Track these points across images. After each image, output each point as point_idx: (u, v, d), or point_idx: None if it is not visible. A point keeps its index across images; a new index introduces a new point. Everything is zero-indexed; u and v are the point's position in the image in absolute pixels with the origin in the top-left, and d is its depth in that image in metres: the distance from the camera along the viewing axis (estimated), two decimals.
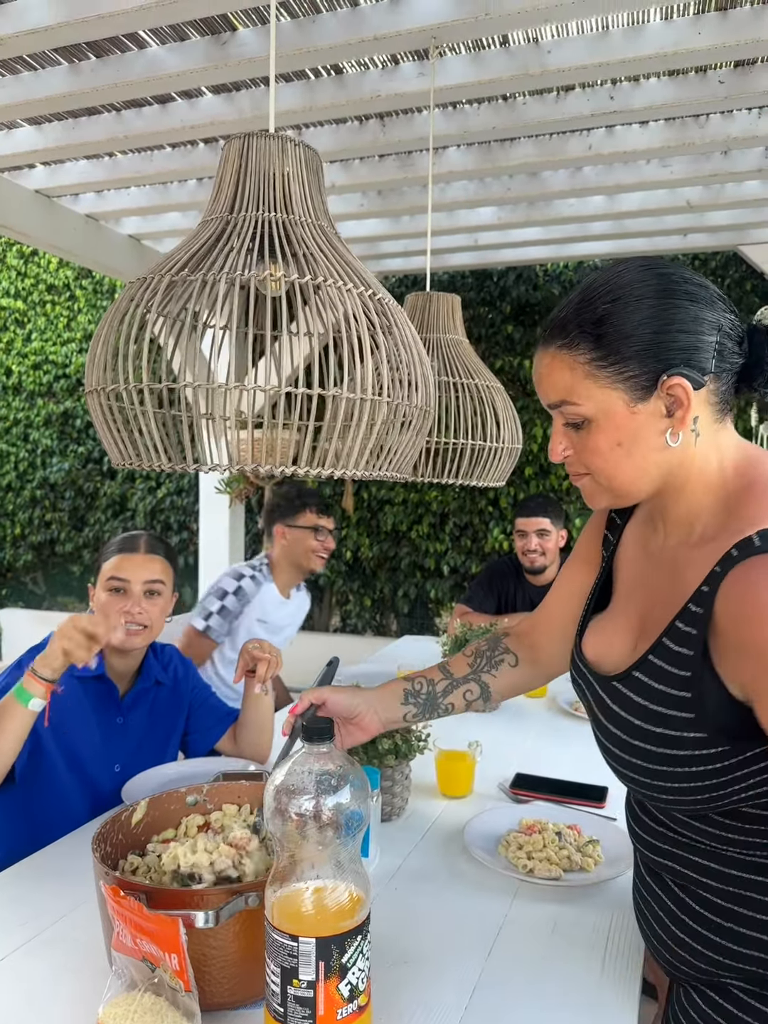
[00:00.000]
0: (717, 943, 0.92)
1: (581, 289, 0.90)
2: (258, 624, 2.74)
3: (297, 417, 1.02)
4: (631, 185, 3.21)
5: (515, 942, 1.17)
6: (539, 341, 0.94)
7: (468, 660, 1.27)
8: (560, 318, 0.90)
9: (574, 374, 0.88)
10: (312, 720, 0.88)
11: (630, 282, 0.87)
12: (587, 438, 0.90)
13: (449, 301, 1.98)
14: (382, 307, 1.09)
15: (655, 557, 0.99)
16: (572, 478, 0.96)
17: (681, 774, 0.87)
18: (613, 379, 0.86)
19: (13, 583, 6.41)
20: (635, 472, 0.90)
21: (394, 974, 1.08)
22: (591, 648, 1.04)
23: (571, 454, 0.93)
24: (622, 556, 1.06)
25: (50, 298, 6.07)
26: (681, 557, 0.93)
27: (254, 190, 1.09)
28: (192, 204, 3.55)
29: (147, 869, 1.13)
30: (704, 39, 2.16)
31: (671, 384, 0.85)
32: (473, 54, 2.37)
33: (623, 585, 1.05)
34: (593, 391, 0.87)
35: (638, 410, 0.87)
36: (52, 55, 2.42)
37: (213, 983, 0.97)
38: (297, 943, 0.82)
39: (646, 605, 0.98)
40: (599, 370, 0.87)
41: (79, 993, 1.03)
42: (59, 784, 1.58)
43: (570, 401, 0.89)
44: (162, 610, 1.69)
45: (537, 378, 0.94)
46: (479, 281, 4.92)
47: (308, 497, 2.81)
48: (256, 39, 2.24)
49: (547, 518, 2.97)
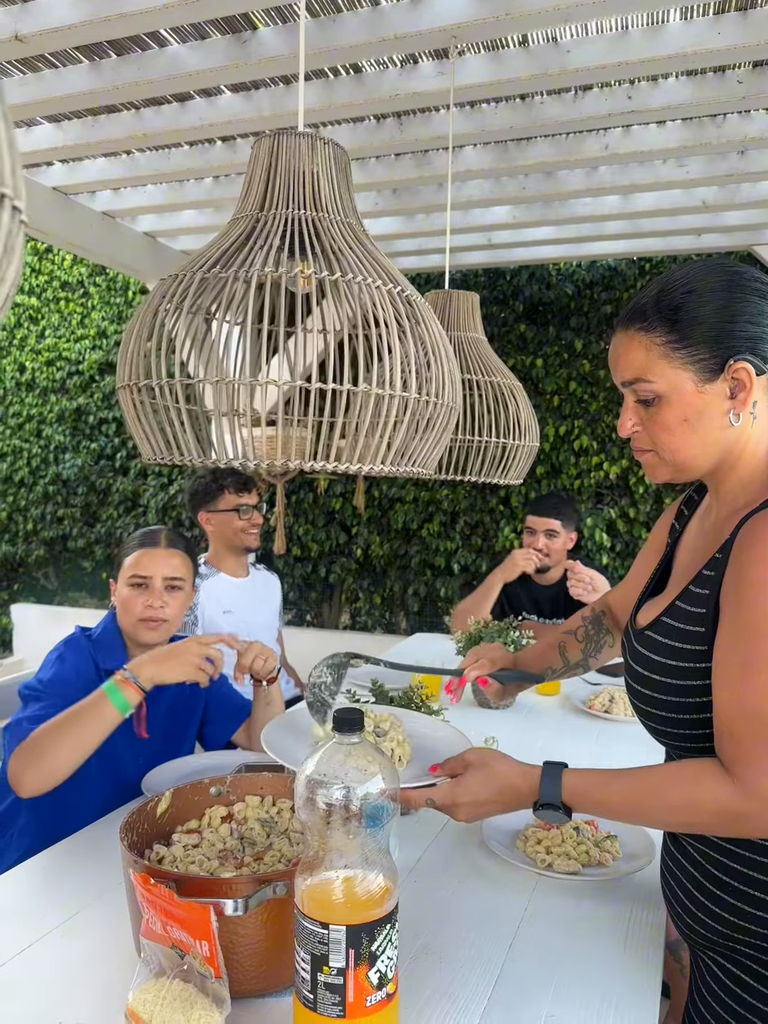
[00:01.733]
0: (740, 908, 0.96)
1: (660, 281, 1.00)
2: (224, 616, 2.69)
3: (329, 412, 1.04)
4: (646, 185, 3.21)
5: (536, 935, 1.18)
6: (617, 325, 1.03)
7: (580, 647, 1.41)
8: (640, 304, 0.99)
9: (649, 354, 0.97)
10: (343, 711, 0.89)
11: (705, 276, 0.97)
12: (656, 414, 0.99)
13: (469, 299, 1.98)
14: (410, 304, 1.10)
15: (708, 532, 1.08)
16: (636, 453, 1.05)
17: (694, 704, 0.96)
18: (684, 360, 0.96)
19: (25, 578, 6.45)
20: (698, 447, 0.99)
21: (418, 965, 1.09)
22: (640, 616, 1.14)
23: (639, 430, 1.02)
24: (683, 543, 1.16)
25: (64, 295, 6.09)
26: (726, 524, 1.02)
27: (284, 188, 1.10)
28: (208, 202, 3.56)
29: (173, 859, 1.14)
30: (724, 39, 2.16)
31: (737, 368, 0.95)
32: (492, 54, 2.37)
33: (678, 566, 1.14)
34: (666, 370, 0.97)
35: (705, 390, 0.96)
36: (74, 53, 2.44)
37: (240, 970, 0.99)
38: (328, 931, 0.83)
39: (687, 573, 1.06)
40: (673, 351, 0.96)
41: (108, 978, 1.05)
42: (80, 776, 1.58)
43: (644, 379, 0.98)
44: (182, 604, 1.71)
45: (614, 357, 1.03)
46: (492, 280, 4.92)
47: (224, 478, 2.75)
48: (277, 38, 2.25)
49: (559, 520, 2.96)
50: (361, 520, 5.23)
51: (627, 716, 2.21)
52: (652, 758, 1.40)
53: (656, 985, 1.08)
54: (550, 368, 4.77)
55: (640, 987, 1.07)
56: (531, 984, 1.06)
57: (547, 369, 4.77)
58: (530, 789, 1.01)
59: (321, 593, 5.45)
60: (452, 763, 1.12)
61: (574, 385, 4.70)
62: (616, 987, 1.06)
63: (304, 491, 5.36)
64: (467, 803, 1.06)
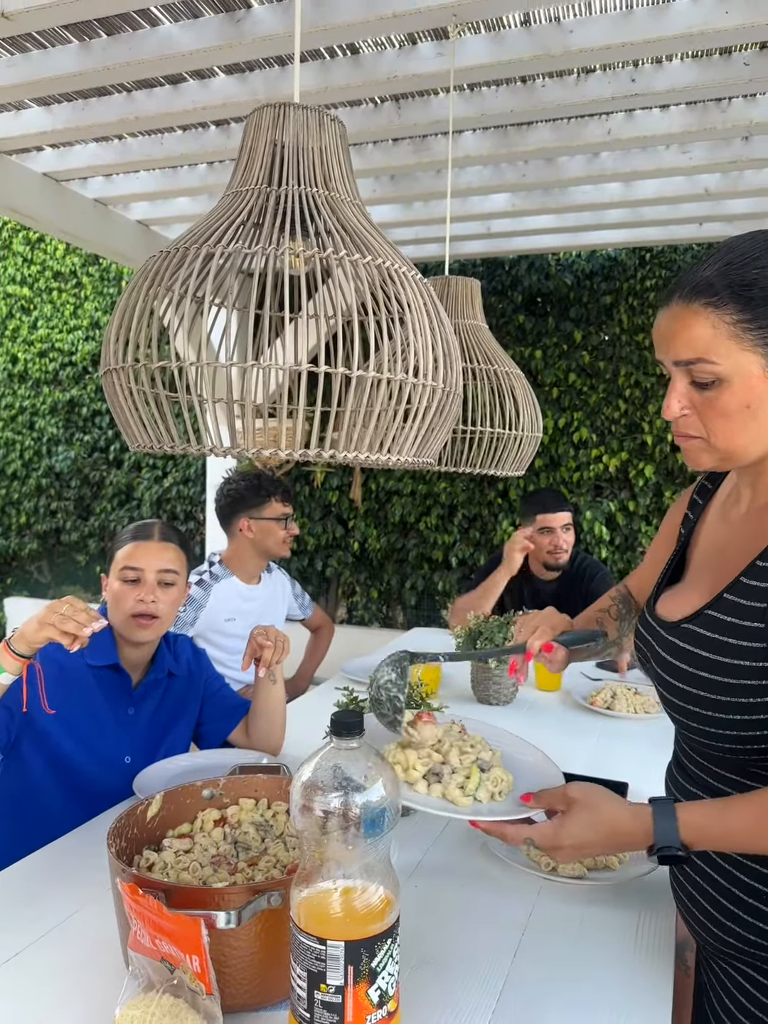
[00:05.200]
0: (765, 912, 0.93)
1: (724, 251, 0.91)
2: (228, 624, 2.62)
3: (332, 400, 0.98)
4: (649, 172, 3.16)
5: (541, 941, 1.14)
6: (670, 297, 0.93)
7: (615, 624, 1.34)
8: (704, 277, 0.90)
9: (716, 332, 0.88)
10: (341, 714, 0.84)
11: None
12: (716, 399, 0.90)
13: (468, 286, 1.93)
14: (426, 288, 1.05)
15: (737, 524, 1.02)
16: (679, 438, 0.97)
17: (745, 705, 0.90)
18: (756, 342, 0.88)
19: (18, 572, 6.39)
20: (755, 435, 0.92)
21: (419, 975, 1.05)
22: (663, 606, 1.08)
23: (689, 413, 0.94)
24: (700, 531, 1.11)
25: (56, 285, 6.02)
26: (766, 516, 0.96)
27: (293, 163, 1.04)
28: (202, 188, 3.50)
29: (163, 865, 1.10)
30: (731, 18, 2.10)
31: None
32: (493, 34, 2.31)
33: (699, 556, 1.09)
34: (734, 351, 0.88)
35: None
36: (62, 32, 2.37)
37: (233, 984, 0.94)
38: (325, 947, 0.79)
39: (721, 565, 1.01)
40: (745, 332, 0.88)
41: (93, 993, 1.00)
42: (69, 775, 1.54)
43: (708, 359, 0.89)
44: (175, 600, 1.66)
45: (668, 334, 0.93)
46: (491, 270, 4.86)
47: (272, 486, 2.70)
48: (272, 16, 2.19)
49: (569, 511, 2.92)
50: (358, 513, 5.18)
51: (629, 713, 2.16)
52: (655, 755, 1.36)
53: (667, 994, 1.04)
54: (549, 359, 4.72)
55: (650, 997, 1.02)
56: (537, 994, 1.02)
57: (546, 360, 4.71)
58: (644, 832, 0.91)
59: (318, 587, 5.40)
60: (550, 797, 1.03)
61: (573, 377, 4.65)
62: (625, 997, 1.02)
63: (300, 484, 5.30)
64: (571, 846, 0.96)
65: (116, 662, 1.61)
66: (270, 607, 2.83)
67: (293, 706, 2.06)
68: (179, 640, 1.80)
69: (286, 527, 2.70)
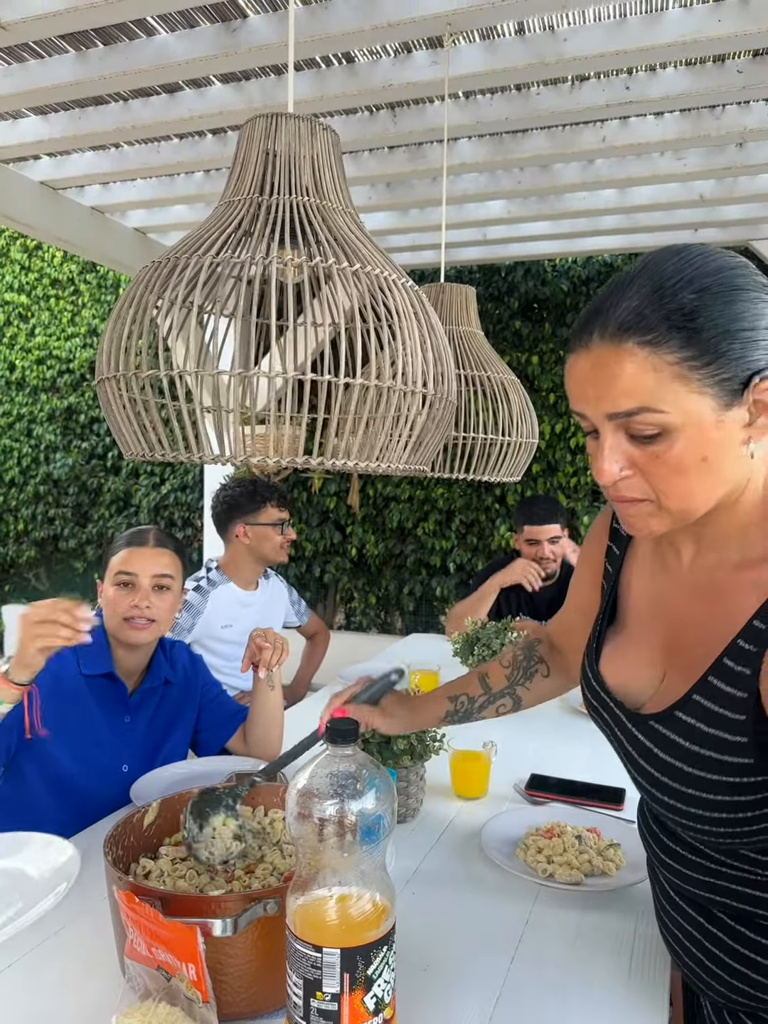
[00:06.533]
0: None
1: (647, 274, 0.75)
2: (225, 631, 2.62)
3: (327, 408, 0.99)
4: (643, 178, 3.17)
5: (538, 948, 1.14)
6: (586, 337, 0.77)
7: (505, 672, 1.25)
8: (632, 308, 0.74)
9: (659, 376, 0.73)
10: (336, 721, 0.84)
11: (716, 270, 0.74)
12: (664, 453, 0.75)
13: (463, 292, 1.94)
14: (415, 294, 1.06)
15: (680, 576, 0.90)
16: (619, 504, 0.81)
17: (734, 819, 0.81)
18: (704, 383, 0.73)
19: (16, 579, 6.38)
20: (712, 490, 0.78)
21: (415, 981, 1.04)
22: (612, 676, 0.97)
23: (631, 474, 0.78)
24: (634, 571, 0.99)
25: (54, 293, 6.03)
26: (721, 580, 0.84)
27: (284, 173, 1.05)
28: (199, 196, 3.51)
29: (160, 873, 1.10)
30: (724, 26, 2.12)
31: (763, 389, 0.74)
32: (488, 42, 2.33)
33: (639, 606, 0.97)
34: (681, 396, 0.73)
35: (724, 419, 0.74)
36: (59, 42, 2.38)
37: (229, 992, 0.94)
38: (321, 954, 0.79)
39: (673, 632, 0.90)
40: (691, 371, 0.73)
41: (89, 1001, 1.00)
42: (65, 786, 1.54)
43: (653, 408, 0.74)
44: (171, 605, 1.66)
45: (593, 382, 0.77)
46: (487, 276, 4.88)
47: (267, 491, 2.70)
48: (268, 26, 2.20)
49: (557, 523, 2.91)
50: (356, 519, 5.18)
51: None
52: None
53: (663, 1001, 1.04)
54: (546, 365, 4.73)
55: (647, 1004, 1.02)
56: (533, 1001, 1.02)
57: (543, 366, 4.73)
58: None
59: (315, 593, 5.40)
60: None
61: None
62: (622, 1004, 1.02)
63: (298, 490, 5.30)
64: None
65: (110, 671, 1.60)
66: (267, 613, 2.83)
67: (290, 713, 2.06)
68: (175, 646, 1.80)
69: (282, 532, 2.70)
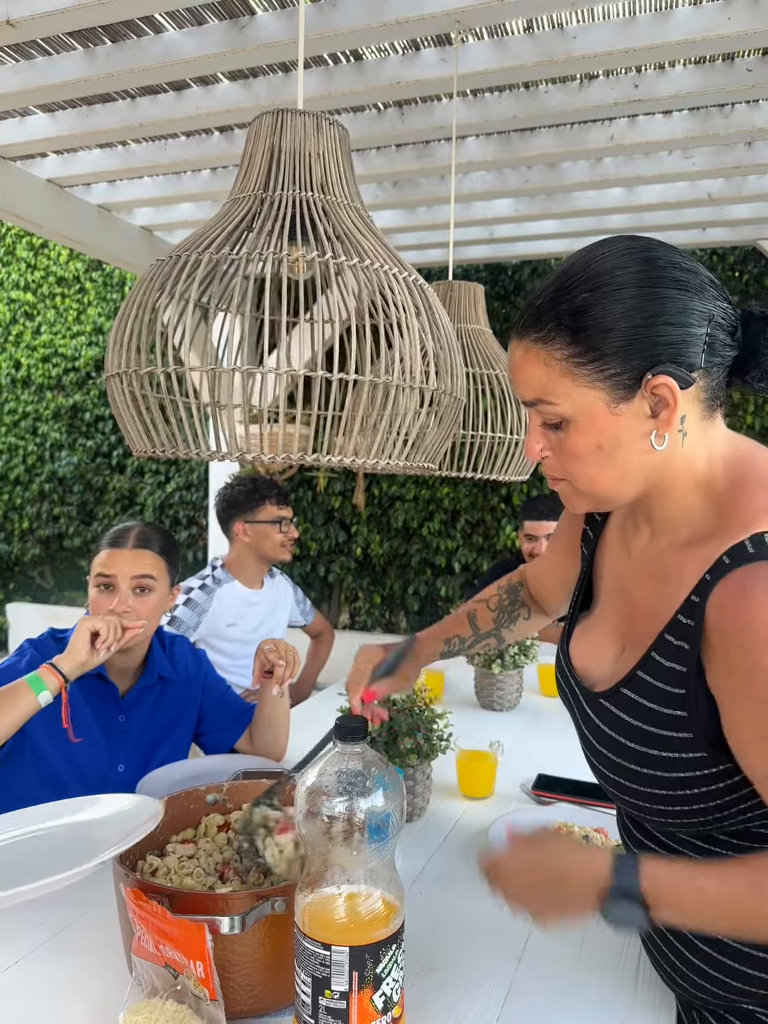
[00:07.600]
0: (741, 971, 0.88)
1: (557, 274, 0.81)
2: (230, 629, 2.61)
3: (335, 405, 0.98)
4: (652, 177, 3.16)
5: (546, 948, 1.13)
6: (512, 331, 0.84)
7: (492, 615, 1.30)
8: (535, 307, 0.81)
9: (550, 371, 0.80)
10: (345, 719, 0.84)
11: (612, 268, 0.78)
12: (565, 440, 0.82)
13: (472, 290, 1.93)
14: (423, 291, 1.05)
15: (638, 559, 0.93)
16: (550, 482, 0.89)
17: (680, 797, 0.82)
18: (592, 377, 0.79)
19: (21, 577, 6.39)
20: (617, 477, 0.83)
21: (423, 982, 1.04)
22: (579, 657, 0.99)
23: (549, 455, 0.86)
24: (605, 555, 1.01)
25: (60, 291, 6.04)
26: (668, 559, 0.87)
27: (289, 168, 1.05)
28: (205, 195, 3.51)
29: (167, 870, 1.09)
30: (734, 25, 2.11)
31: (656, 384, 0.78)
32: (496, 40, 2.32)
33: (606, 587, 0.99)
34: (571, 390, 0.80)
35: (620, 411, 0.79)
36: (66, 39, 2.38)
37: (237, 990, 0.94)
38: (330, 952, 0.78)
39: (629, 610, 0.93)
40: (577, 367, 0.79)
41: (96, 998, 1.00)
42: (59, 789, 1.51)
43: (546, 400, 0.81)
44: (155, 607, 1.59)
45: (511, 372, 0.86)
46: (493, 275, 4.87)
47: (266, 489, 2.69)
48: (276, 23, 2.19)
49: (555, 521, 2.89)
50: (361, 519, 5.18)
51: None
52: None
53: (671, 1001, 1.03)
54: None
55: (655, 1004, 1.02)
56: (542, 1001, 1.02)
57: None
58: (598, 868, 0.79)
59: (320, 592, 5.40)
60: None
61: None
62: (629, 1004, 1.01)
63: (303, 489, 5.30)
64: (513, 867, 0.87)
65: (100, 671, 1.57)
66: (272, 612, 2.83)
67: (296, 712, 2.06)
68: (177, 642, 1.78)
69: (282, 530, 2.69)
